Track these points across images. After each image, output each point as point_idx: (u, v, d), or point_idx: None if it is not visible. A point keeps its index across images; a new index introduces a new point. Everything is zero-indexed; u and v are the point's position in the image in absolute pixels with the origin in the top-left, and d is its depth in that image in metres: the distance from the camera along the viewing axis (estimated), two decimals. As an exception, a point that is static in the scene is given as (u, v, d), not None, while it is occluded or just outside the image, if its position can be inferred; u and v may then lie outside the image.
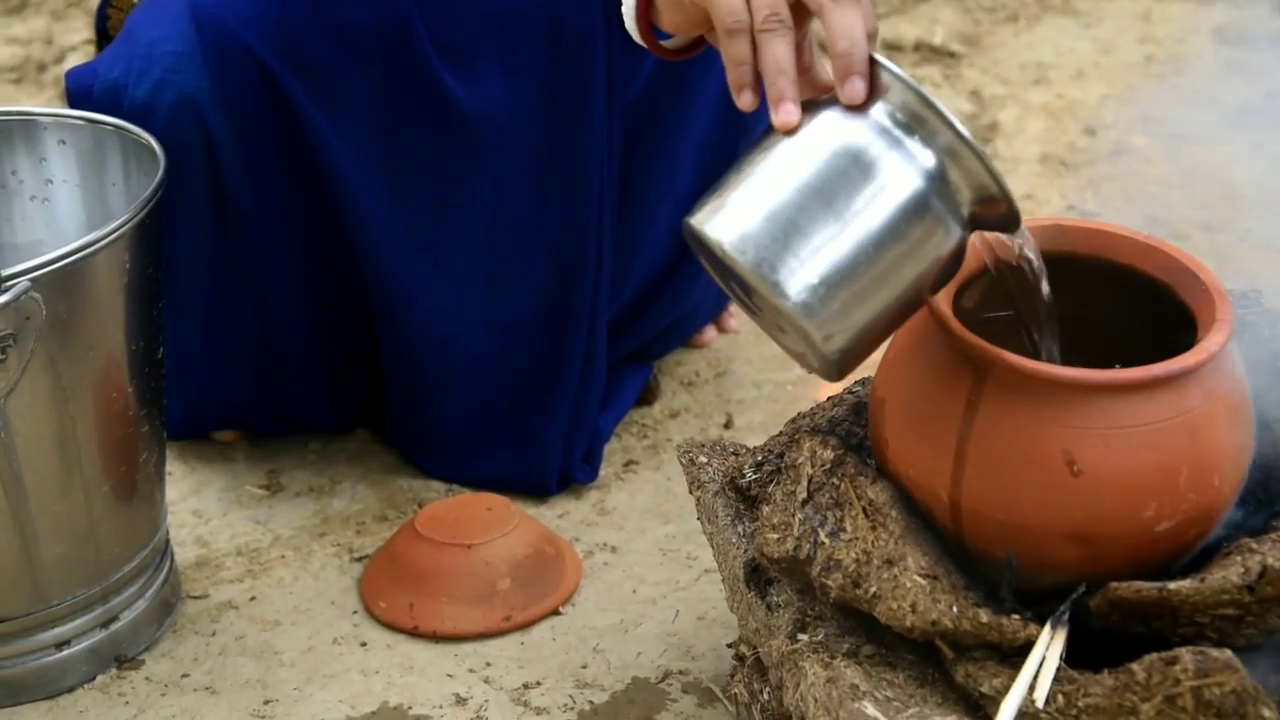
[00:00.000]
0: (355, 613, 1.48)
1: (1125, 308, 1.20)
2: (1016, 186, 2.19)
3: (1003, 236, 1.11)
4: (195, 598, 1.49)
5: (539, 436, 1.59)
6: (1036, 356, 1.13)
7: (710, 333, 1.89)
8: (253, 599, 1.49)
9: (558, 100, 1.49)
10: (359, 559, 1.55)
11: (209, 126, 1.40)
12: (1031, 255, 1.12)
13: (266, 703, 1.36)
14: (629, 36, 1.33)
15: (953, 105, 2.39)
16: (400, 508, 1.62)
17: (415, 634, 1.45)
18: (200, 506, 1.61)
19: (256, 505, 1.62)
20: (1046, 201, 2.16)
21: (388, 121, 1.47)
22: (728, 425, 1.76)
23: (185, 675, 1.40)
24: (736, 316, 1.92)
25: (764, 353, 1.87)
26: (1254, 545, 1.07)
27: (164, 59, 1.38)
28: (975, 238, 1.12)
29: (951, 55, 2.51)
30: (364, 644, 1.44)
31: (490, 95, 1.47)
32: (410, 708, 1.37)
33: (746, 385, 1.82)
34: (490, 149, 1.50)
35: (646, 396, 1.78)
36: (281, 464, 1.68)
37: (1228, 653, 1.00)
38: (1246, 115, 2.31)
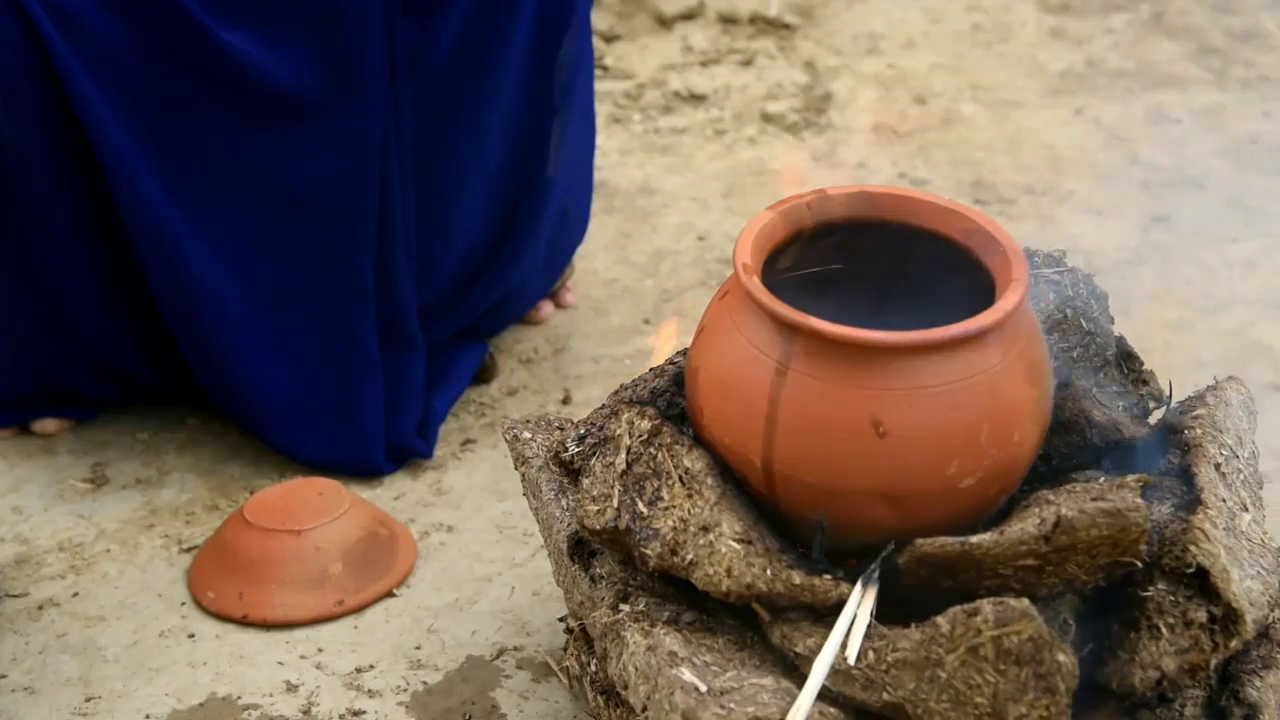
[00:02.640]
0: (183, 604, 1.46)
1: (933, 270, 1.23)
2: (849, 156, 2.23)
3: None
4: (14, 596, 1.45)
5: (357, 415, 1.58)
6: (849, 316, 1.14)
7: (547, 309, 1.89)
8: (75, 595, 1.46)
9: (334, 67, 1.48)
10: (188, 550, 1.52)
11: None
12: None
13: (89, 700, 1.34)
14: (418, 11, 1.32)
15: (787, 77, 2.42)
16: (232, 496, 1.60)
17: (245, 623, 1.43)
18: (20, 503, 1.58)
19: (80, 499, 1.59)
20: (879, 170, 2.19)
21: (148, 72, 1.44)
22: (566, 401, 1.76)
23: (3, 676, 1.37)
24: (573, 292, 1.92)
25: (602, 327, 1.88)
26: (1050, 497, 1.10)
27: None
28: None
29: (786, 27, 2.54)
30: (192, 635, 1.42)
31: (264, 54, 1.45)
32: (239, 697, 1.35)
33: (584, 360, 1.83)
34: (263, 109, 1.47)
35: (483, 375, 1.78)
36: (108, 456, 1.64)
37: (1025, 602, 1.04)
38: (1068, 81, 2.37)
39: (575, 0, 1.62)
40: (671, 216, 2.10)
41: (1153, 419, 1.31)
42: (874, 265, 1.24)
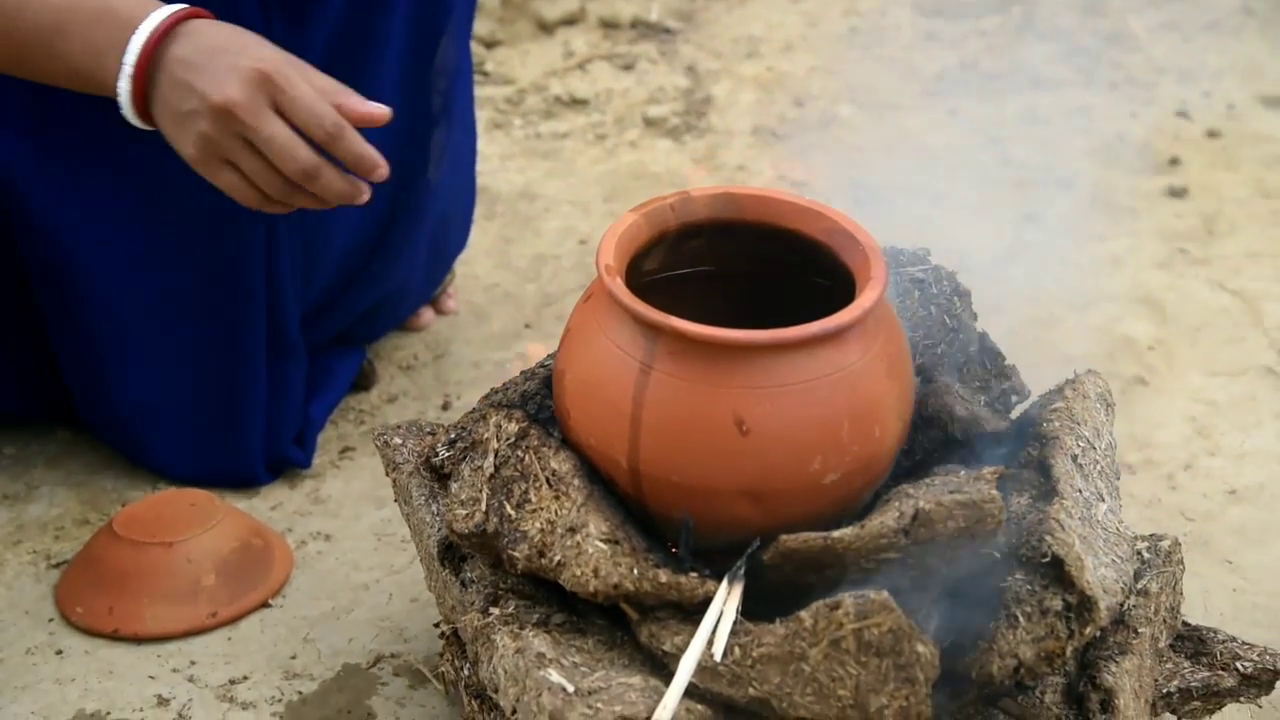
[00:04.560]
0: (51, 621, 1.43)
1: (794, 269, 1.25)
2: (729, 159, 2.24)
3: None
4: (-125, 617, 1.42)
5: (236, 427, 1.56)
6: (716, 317, 1.15)
7: (427, 315, 1.88)
8: (-61, 614, 1.43)
9: None
10: (57, 565, 1.50)
11: None
12: None
13: (-50, 720, 1.32)
14: (291, 13, 1.32)
15: (669, 81, 2.43)
16: (103, 510, 1.57)
17: (116, 638, 1.41)
18: (-119, 522, 1.54)
19: (-55, 517, 1.55)
20: (759, 172, 2.21)
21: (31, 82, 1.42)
22: (446, 407, 1.76)
23: None
24: (454, 298, 1.91)
25: (483, 333, 1.88)
26: (910, 490, 1.12)
27: None
28: None
29: (667, 32, 2.55)
30: (59, 652, 1.40)
31: None
32: (109, 713, 1.33)
33: (465, 366, 1.83)
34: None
35: (362, 382, 1.77)
36: (-27, 472, 1.61)
37: (884, 594, 1.05)
38: (943, 83, 2.42)
39: (451, 2, 1.62)
40: (553, 221, 2.10)
41: (1015, 413, 1.33)
42: (738, 266, 1.26)
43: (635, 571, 1.11)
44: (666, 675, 1.10)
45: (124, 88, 1.21)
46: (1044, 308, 1.90)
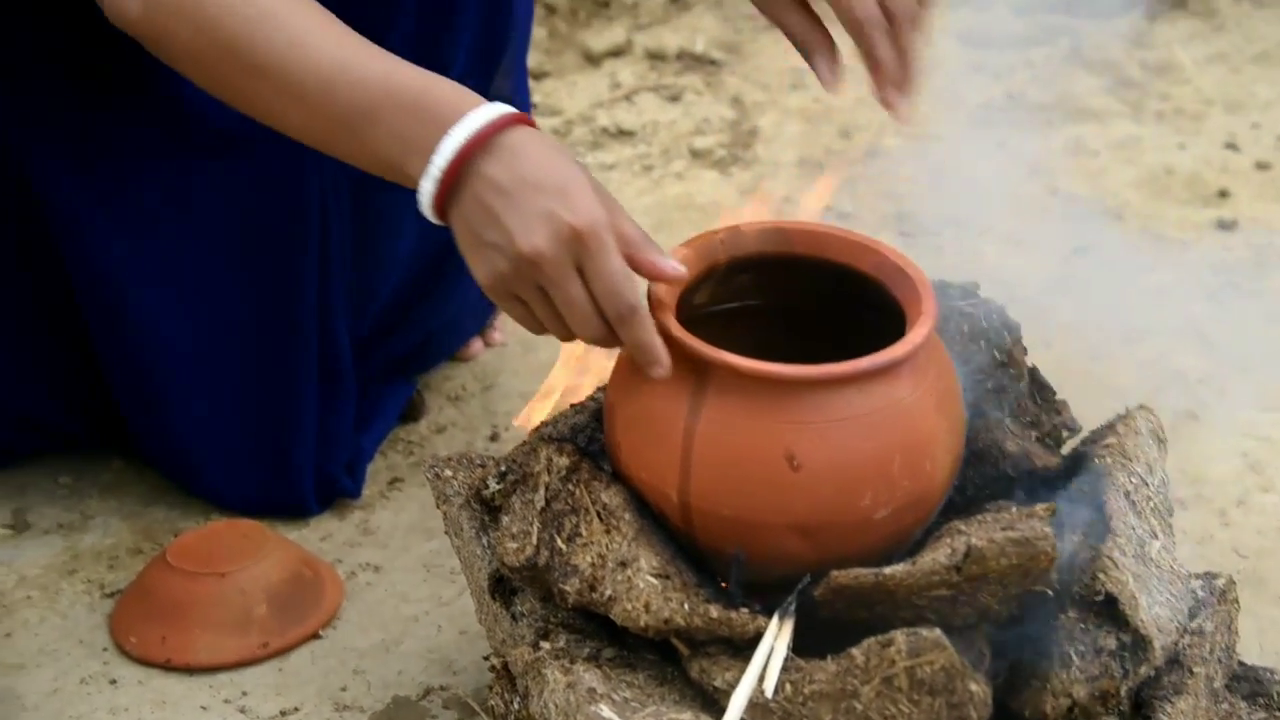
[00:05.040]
0: (105, 650, 1.45)
1: (844, 303, 1.25)
2: (776, 191, 2.25)
3: None
4: (-68, 646, 1.44)
5: (286, 457, 1.57)
6: (766, 352, 1.16)
7: (476, 346, 1.89)
8: (-5, 643, 1.45)
9: None
10: (111, 595, 1.51)
11: None
12: None
13: (7, 749, 1.33)
14: None
15: (715, 112, 2.44)
16: (156, 539, 1.59)
17: (168, 668, 1.42)
18: (-62, 550, 1.56)
19: (1, 545, 1.57)
20: (805, 204, 2.21)
21: (83, 108, 1.43)
22: (494, 438, 1.77)
23: (-80, 727, 1.36)
24: (502, 330, 1.93)
25: (530, 364, 1.88)
26: (962, 527, 1.12)
27: None
28: None
29: (713, 63, 2.56)
30: (114, 682, 1.41)
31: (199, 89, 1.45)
32: (162, 743, 1.35)
33: (513, 397, 1.83)
34: (199, 143, 1.46)
35: (411, 413, 1.78)
36: (29, 501, 1.63)
37: (937, 631, 1.05)
38: (990, 114, 2.41)
39: (508, 37, 1.63)
40: (600, 252, 2.11)
41: (1066, 448, 1.33)
42: (788, 301, 1.26)
43: (686, 607, 1.11)
44: (717, 711, 1.10)
45: (427, 188, 1.12)
46: (1093, 341, 1.89)
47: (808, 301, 1.27)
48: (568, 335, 1.14)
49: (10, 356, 1.54)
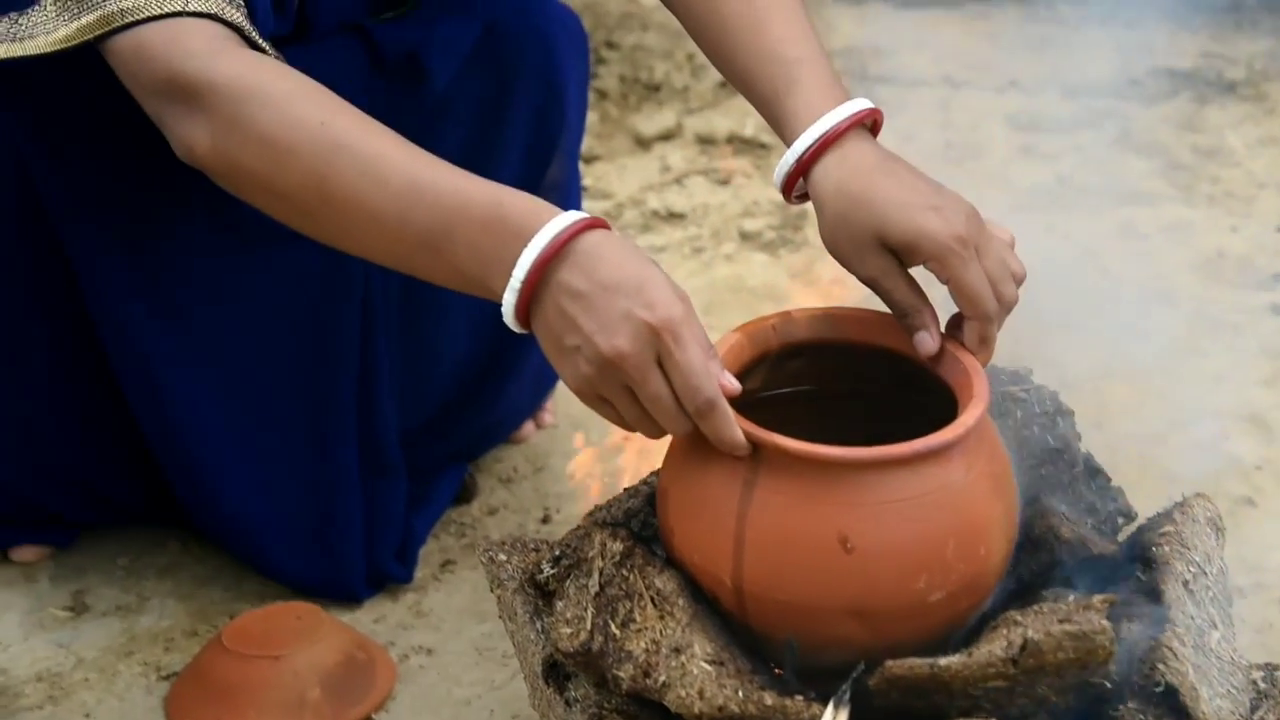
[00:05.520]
0: (161, 732, 1.46)
1: (895, 387, 1.25)
2: (825, 272, 2.26)
3: None
4: (-9, 728, 1.45)
5: (336, 541, 1.58)
6: (819, 436, 1.17)
7: (528, 428, 1.90)
8: (53, 726, 1.46)
9: None
10: (167, 677, 1.52)
11: None
12: None
13: (62, 831, 1.34)
14: (414, 131, 1.35)
15: (764, 195, 2.45)
16: (211, 621, 1.60)
17: (222, 750, 1.43)
18: (0, 633, 1.58)
19: (60, 627, 1.58)
20: (855, 286, 2.21)
21: (128, 195, 1.46)
22: (546, 520, 1.77)
23: (-22, 808, 1.36)
24: (553, 412, 1.94)
25: (581, 445, 1.89)
26: (1018, 618, 1.11)
27: None
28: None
29: (762, 147, 2.58)
30: (169, 764, 1.42)
31: None
32: (215, 826, 1.35)
33: (564, 479, 1.84)
34: (244, 230, 1.49)
35: (463, 495, 1.79)
36: (88, 582, 1.65)
37: (991, 723, 1.04)
38: (1038, 197, 2.42)
39: (562, 127, 1.65)
40: (650, 335, 2.12)
41: (1122, 535, 1.32)
42: (840, 385, 1.27)
43: (740, 694, 1.11)
44: (773, 800, 1.09)
45: (509, 300, 1.13)
46: (1147, 425, 1.88)
47: (860, 386, 1.28)
48: (657, 432, 1.15)
49: (74, 429, 1.56)
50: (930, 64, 2.80)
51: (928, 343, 1.21)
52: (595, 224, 1.14)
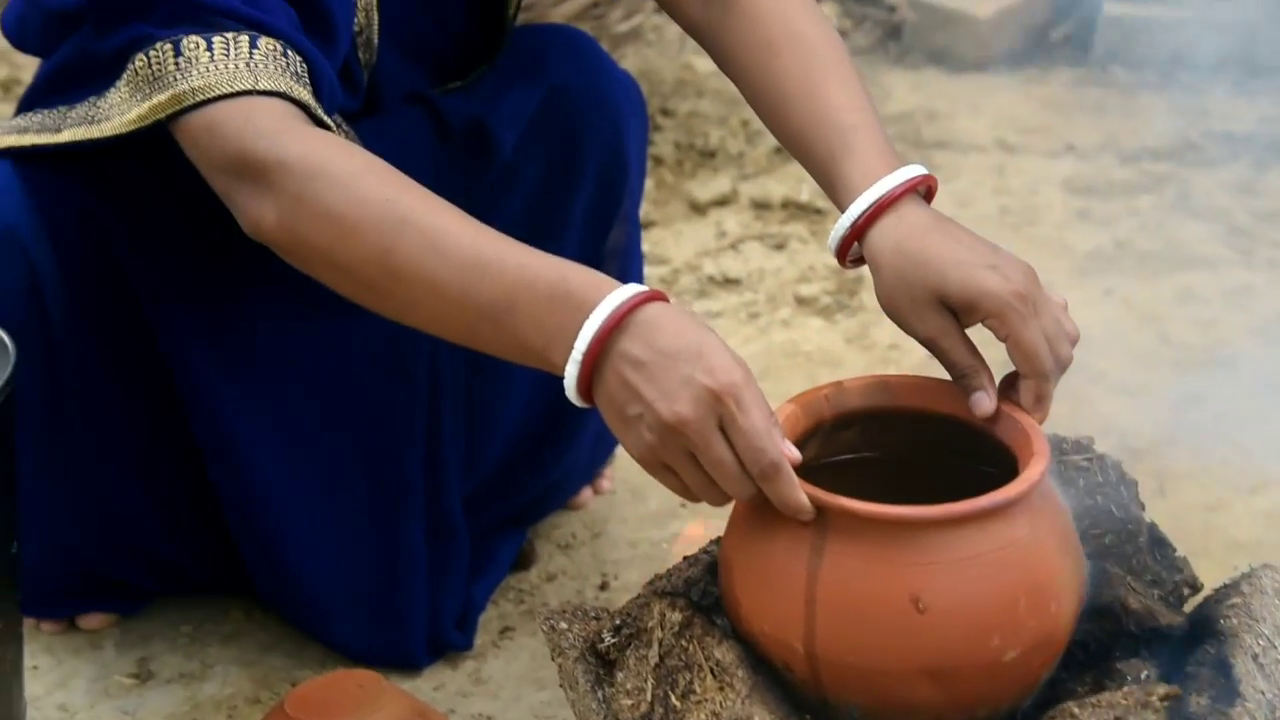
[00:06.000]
0: (223, 800, 1.46)
1: (951, 453, 1.25)
2: (881, 337, 2.25)
3: None
4: (57, 795, 1.46)
5: (400, 609, 1.59)
6: (882, 500, 1.16)
7: (586, 494, 1.91)
8: (117, 793, 1.47)
9: None
10: (230, 743, 1.53)
11: (31, 258, 1.41)
12: None
13: None
14: (478, 200, 1.36)
15: (820, 260, 2.46)
16: (273, 689, 1.61)
17: (285, 818, 1.43)
18: (66, 700, 1.59)
19: (125, 695, 1.60)
20: (911, 350, 2.21)
21: (209, 270, 1.48)
22: (604, 587, 1.77)
23: None
24: (611, 478, 1.94)
25: (639, 512, 1.90)
26: (1075, 710, 1.11)
27: None
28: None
29: (818, 212, 2.59)
30: (231, 832, 1.42)
31: None
32: None
33: (622, 545, 1.84)
34: (314, 302, 1.48)
35: (522, 561, 1.79)
36: (153, 650, 1.66)
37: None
38: (1097, 262, 2.41)
39: (623, 194, 1.67)
40: (708, 400, 2.12)
41: (1188, 607, 1.31)
42: (894, 452, 1.27)
43: (802, 766, 1.11)
44: None
45: (571, 372, 1.14)
46: (1210, 491, 1.86)
47: (914, 452, 1.28)
48: (721, 499, 1.15)
49: (145, 502, 1.58)
50: (986, 129, 2.81)
51: (984, 403, 1.21)
52: (655, 296, 1.15)
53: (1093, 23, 3.01)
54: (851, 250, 1.27)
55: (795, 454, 1.14)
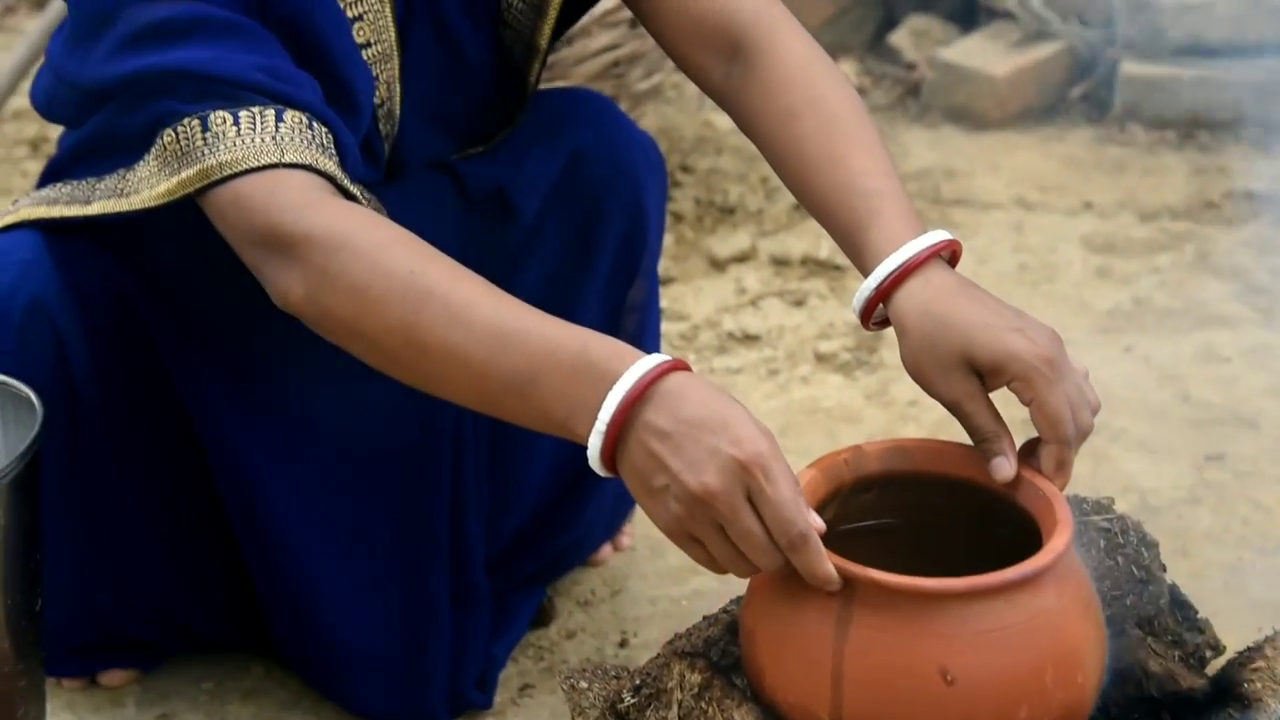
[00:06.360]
0: None
1: (970, 517, 1.25)
2: (901, 394, 2.26)
3: None
4: None
5: (423, 668, 1.59)
6: (902, 566, 1.16)
7: (605, 551, 1.91)
8: None
9: None
10: (248, 801, 1.53)
11: (60, 330, 1.42)
12: None
13: None
14: (502, 262, 1.36)
15: (839, 317, 2.47)
16: (293, 745, 1.61)
17: None
18: (87, 756, 1.60)
19: (145, 752, 1.60)
20: (930, 408, 2.20)
21: (237, 331, 1.49)
22: (624, 644, 1.77)
23: None
24: (631, 534, 1.94)
25: (659, 568, 1.89)
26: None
27: (12, 268, 1.41)
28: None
29: (837, 268, 2.60)
30: None
31: None
32: None
33: (642, 602, 1.84)
34: (340, 366, 1.52)
35: (541, 618, 1.79)
36: (173, 706, 1.66)
37: None
38: (1116, 320, 2.41)
39: (644, 252, 1.68)
40: (727, 457, 2.12)
41: (1210, 669, 1.30)
42: (913, 517, 1.27)
43: (822, 831, 1.10)
44: None
45: (595, 443, 1.14)
46: (1231, 551, 1.85)
47: (932, 517, 1.28)
48: (748, 570, 1.14)
49: (163, 562, 1.59)
50: (1004, 186, 2.82)
51: (1005, 468, 1.21)
52: (678, 366, 1.15)
53: (1111, 81, 3.02)
54: (876, 312, 1.27)
55: (820, 524, 1.13)
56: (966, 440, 1.25)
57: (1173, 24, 2.94)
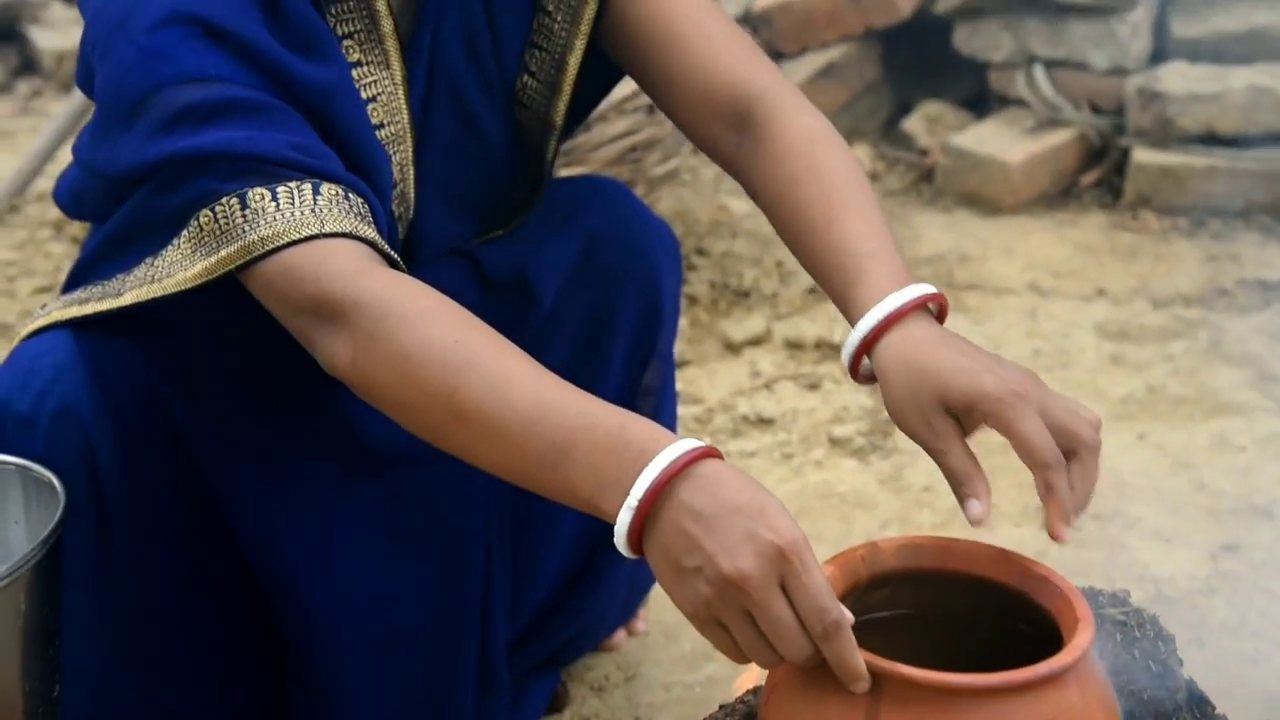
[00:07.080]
0: None
1: (985, 614, 1.25)
2: (915, 479, 2.26)
3: None
4: None
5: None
6: (918, 662, 1.16)
7: (619, 635, 1.90)
8: None
9: None
10: None
11: (89, 435, 1.42)
12: None
13: None
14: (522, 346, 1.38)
15: (853, 400, 2.48)
16: (305, 832, 1.60)
17: None
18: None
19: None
20: (944, 494, 2.22)
21: (272, 436, 1.50)
22: (636, 730, 1.77)
23: None
24: (645, 619, 1.94)
25: (673, 654, 1.89)
26: None
27: (44, 371, 1.41)
28: None
29: (851, 353, 2.61)
30: None
31: (368, 412, 1.51)
32: None
33: (656, 688, 1.84)
34: (370, 462, 1.52)
35: (555, 704, 1.79)
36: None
37: None
38: (1130, 407, 2.41)
39: (659, 335, 1.70)
40: (741, 542, 2.12)
41: (1228, 766, 1.29)
42: (928, 613, 1.27)
43: None
44: None
45: (624, 519, 1.12)
46: (1248, 642, 1.84)
47: (948, 613, 1.27)
48: (774, 660, 1.13)
49: (187, 665, 1.56)
50: (1018, 272, 2.84)
51: (976, 509, 1.21)
52: (712, 452, 1.15)
53: (1123, 168, 3.05)
54: (862, 366, 1.29)
55: (850, 616, 1.12)
56: (980, 537, 1.25)
57: (1183, 113, 2.97)
